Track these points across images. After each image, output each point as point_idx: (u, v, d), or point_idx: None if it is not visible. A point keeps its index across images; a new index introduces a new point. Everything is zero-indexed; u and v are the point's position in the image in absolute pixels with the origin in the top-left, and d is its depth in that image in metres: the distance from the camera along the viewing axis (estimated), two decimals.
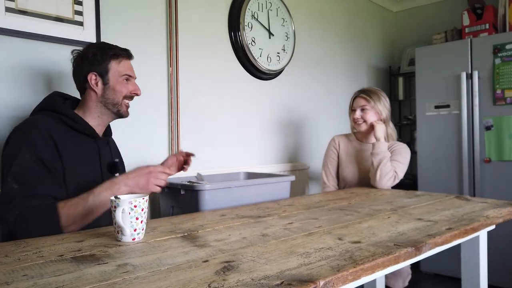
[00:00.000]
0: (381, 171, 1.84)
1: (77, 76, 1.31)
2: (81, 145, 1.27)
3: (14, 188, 1.09)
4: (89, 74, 1.27)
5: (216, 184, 1.48)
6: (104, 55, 1.28)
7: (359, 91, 2.05)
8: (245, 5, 2.29)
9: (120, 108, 1.32)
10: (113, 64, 1.29)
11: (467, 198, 1.52)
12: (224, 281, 0.67)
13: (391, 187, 1.98)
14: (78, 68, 1.30)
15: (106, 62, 1.28)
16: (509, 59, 2.56)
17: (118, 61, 1.30)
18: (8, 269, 0.74)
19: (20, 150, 1.13)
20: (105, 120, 1.35)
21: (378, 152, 1.87)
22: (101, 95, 1.29)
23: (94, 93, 1.29)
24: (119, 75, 1.30)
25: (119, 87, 1.30)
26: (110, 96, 1.30)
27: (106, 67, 1.28)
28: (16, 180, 1.10)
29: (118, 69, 1.30)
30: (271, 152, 2.57)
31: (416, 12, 3.68)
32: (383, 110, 1.98)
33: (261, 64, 2.38)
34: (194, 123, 2.12)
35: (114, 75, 1.29)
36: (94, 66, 1.27)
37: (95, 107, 1.31)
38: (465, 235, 1.06)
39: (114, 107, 1.31)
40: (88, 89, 1.30)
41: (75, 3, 1.62)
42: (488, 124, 2.66)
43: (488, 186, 2.66)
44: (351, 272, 0.72)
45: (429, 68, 2.92)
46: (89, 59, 1.27)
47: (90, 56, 1.27)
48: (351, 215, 1.22)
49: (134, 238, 0.94)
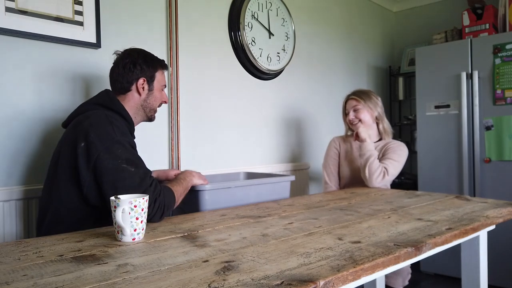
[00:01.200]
0: (369, 170, 1.86)
1: (126, 78, 1.37)
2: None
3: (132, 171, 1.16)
4: (140, 79, 1.37)
5: (216, 184, 1.48)
6: (154, 63, 1.41)
7: (348, 94, 2.12)
8: (245, 5, 2.29)
9: (153, 114, 1.45)
10: (159, 73, 1.42)
11: (467, 198, 1.52)
12: (224, 281, 0.67)
13: (387, 185, 1.98)
14: (129, 72, 1.37)
15: (155, 70, 1.40)
16: (509, 59, 2.56)
17: (162, 72, 1.44)
18: (8, 269, 0.74)
19: (119, 141, 1.19)
20: (137, 121, 1.43)
21: (364, 152, 1.90)
22: (144, 99, 1.40)
23: (138, 96, 1.39)
24: (160, 84, 1.43)
25: (159, 95, 1.44)
26: (151, 101, 1.42)
27: (154, 74, 1.40)
28: (130, 164, 1.17)
29: (161, 79, 1.43)
30: (271, 152, 2.57)
31: (416, 12, 3.68)
32: (374, 107, 2.03)
33: (261, 64, 2.38)
34: (194, 123, 2.12)
35: (157, 83, 1.42)
36: (145, 72, 1.38)
37: (135, 108, 1.40)
38: (465, 235, 1.06)
39: (151, 112, 1.43)
40: (134, 91, 1.38)
41: (75, 3, 1.62)
42: (488, 124, 2.66)
43: (488, 186, 2.66)
44: (351, 272, 0.72)
45: (429, 68, 2.92)
46: (142, 65, 1.37)
47: (143, 63, 1.38)
48: (351, 215, 1.22)
49: (134, 238, 0.94)
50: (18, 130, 1.51)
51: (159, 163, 1.97)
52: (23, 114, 1.53)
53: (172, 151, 2.01)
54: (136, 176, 1.15)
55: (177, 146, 2.02)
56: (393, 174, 1.91)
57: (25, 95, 1.54)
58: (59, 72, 1.62)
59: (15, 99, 1.51)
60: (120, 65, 1.37)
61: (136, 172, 1.16)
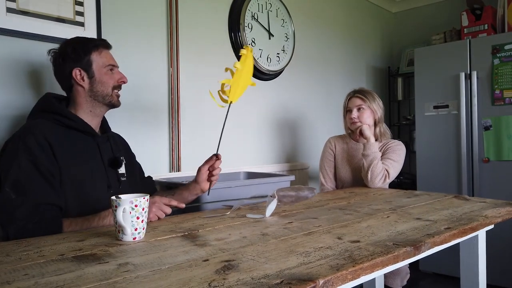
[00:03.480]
0: (372, 173, 1.86)
1: (60, 75, 1.29)
2: (79, 144, 1.26)
3: (12, 198, 1.07)
4: (73, 70, 1.26)
5: (216, 183, 1.49)
6: (84, 48, 1.26)
7: (353, 91, 2.08)
8: (245, 6, 2.30)
9: (111, 99, 1.31)
10: (95, 56, 1.28)
11: (466, 198, 1.53)
12: (224, 280, 0.67)
13: (386, 185, 1.99)
14: (60, 67, 1.28)
15: (88, 55, 1.26)
16: (508, 59, 2.57)
17: (99, 52, 1.29)
18: (9, 268, 0.75)
19: (17, 158, 1.11)
20: (98, 114, 1.33)
21: (368, 153, 1.88)
22: (89, 89, 1.28)
23: (81, 89, 1.28)
24: (103, 66, 1.29)
25: (106, 79, 1.29)
26: (99, 88, 1.28)
27: (89, 60, 1.27)
28: (14, 189, 1.08)
29: (101, 60, 1.29)
30: (271, 152, 2.58)
31: (415, 12, 3.69)
32: (378, 109, 2.02)
33: (261, 65, 2.39)
34: (194, 123, 2.13)
35: (98, 67, 1.28)
36: (76, 61, 1.25)
37: (85, 102, 1.29)
38: (464, 234, 1.06)
39: (105, 99, 1.30)
40: (75, 85, 1.28)
41: (76, 3, 1.63)
42: (486, 124, 2.66)
43: (487, 186, 2.67)
44: (351, 271, 0.72)
45: (428, 68, 2.93)
46: (70, 55, 1.25)
47: (71, 52, 1.25)
48: (350, 214, 1.23)
49: (135, 237, 0.94)
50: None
51: (159, 163, 1.98)
52: (24, 114, 1.53)
53: (172, 151, 2.01)
54: (11, 203, 1.07)
55: (177, 146, 2.03)
56: (394, 175, 1.92)
57: (26, 95, 1.54)
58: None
59: (16, 99, 1.52)
60: (53, 64, 1.29)
61: (15, 199, 1.07)
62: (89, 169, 1.25)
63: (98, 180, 1.27)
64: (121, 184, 1.35)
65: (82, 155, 1.25)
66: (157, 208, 1.19)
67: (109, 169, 1.32)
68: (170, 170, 2.01)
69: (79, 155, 1.24)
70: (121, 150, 1.44)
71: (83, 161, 1.25)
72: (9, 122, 1.50)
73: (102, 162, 1.31)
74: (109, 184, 1.30)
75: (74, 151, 1.23)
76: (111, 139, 1.39)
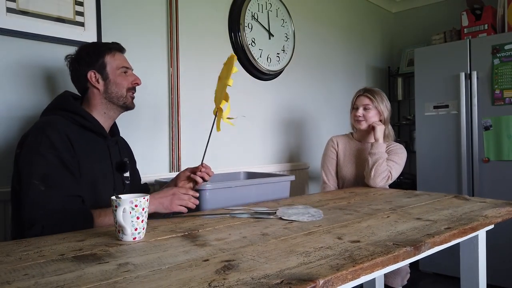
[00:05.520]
0: (376, 170, 1.86)
1: (77, 79, 1.33)
2: (92, 144, 1.28)
3: (43, 191, 1.08)
4: (88, 73, 1.29)
5: (216, 183, 1.49)
6: (98, 51, 1.31)
7: (363, 89, 2.08)
8: (245, 6, 2.30)
9: (126, 101, 1.34)
10: (108, 58, 1.31)
11: (466, 198, 1.53)
12: (224, 280, 0.67)
13: (386, 186, 1.99)
14: (77, 71, 1.32)
15: (102, 57, 1.30)
16: (507, 59, 2.57)
17: (112, 55, 1.33)
18: (9, 268, 0.75)
19: (40, 152, 1.12)
20: (111, 116, 1.36)
21: (375, 152, 1.90)
22: (104, 90, 1.31)
23: (97, 90, 1.31)
24: (116, 68, 1.32)
25: (120, 80, 1.32)
26: (113, 90, 1.31)
27: (103, 62, 1.30)
28: (44, 182, 1.09)
29: (115, 63, 1.32)
30: (271, 152, 2.58)
31: (415, 12, 3.69)
32: (384, 110, 2.03)
33: (261, 65, 2.39)
34: (194, 123, 2.13)
35: (112, 69, 1.31)
36: (91, 64, 1.29)
37: (100, 104, 1.32)
38: (464, 234, 1.06)
39: (120, 100, 1.33)
40: (91, 88, 1.31)
41: (76, 3, 1.63)
42: (486, 124, 2.66)
43: (487, 186, 2.67)
44: (351, 271, 0.72)
45: (428, 68, 2.93)
46: (85, 59, 1.30)
47: (85, 56, 1.30)
48: (351, 214, 1.23)
49: (135, 237, 0.95)
50: (20, 130, 1.52)
51: (160, 163, 1.97)
52: (24, 114, 1.53)
53: (172, 151, 2.01)
54: (42, 196, 1.08)
55: (177, 145, 2.03)
56: (395, 177, 1.94)
57: (26, 96, 1.54)
58: (60, 73, 1.62)
59: (16, 99, 1.52)
60: (69, 68, 1.33)
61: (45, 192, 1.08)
62: (99, 170, 1.27)
63: (107, 181, 1.30)
64: (125, 187, 1.37)
65: (94, 155, 1.27)
66: (178, 198, 1.22)
67: (115, 172, 1.34)
68: (170, 170, 2.01)
69: (92, 154, 1.26)
70: (130, 154, 1.48)
71: (95, 161, 1.26)
72: (9, 122, 1.50)
73: (111, 165, 1.33)
74: (115, 186, 1.32)
75: (88, 150, 1.24)
76: (119, 143, 1.42)
